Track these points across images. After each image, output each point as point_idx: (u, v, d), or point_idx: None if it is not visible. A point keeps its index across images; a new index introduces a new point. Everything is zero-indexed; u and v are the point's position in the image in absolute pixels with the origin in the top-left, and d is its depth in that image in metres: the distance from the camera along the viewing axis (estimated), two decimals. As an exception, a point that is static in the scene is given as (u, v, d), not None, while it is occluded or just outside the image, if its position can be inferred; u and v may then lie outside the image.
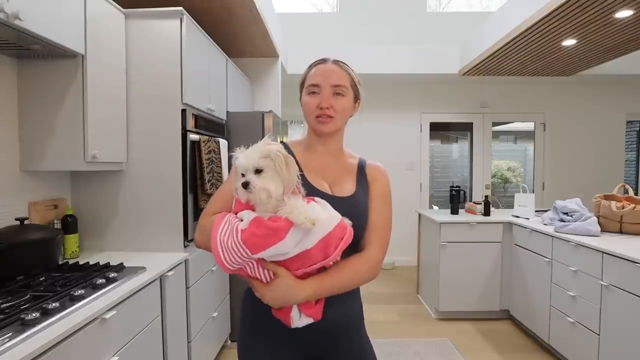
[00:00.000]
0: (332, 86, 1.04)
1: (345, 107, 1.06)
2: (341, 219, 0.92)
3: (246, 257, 0.87)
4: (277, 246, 0.85)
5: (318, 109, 1.04)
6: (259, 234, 0.85)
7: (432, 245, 3.52)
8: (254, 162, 0.89)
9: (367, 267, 1.01)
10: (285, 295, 0.91)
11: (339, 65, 1.08)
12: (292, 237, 0.85)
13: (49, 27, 1.43)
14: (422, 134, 5.27)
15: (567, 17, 2.86)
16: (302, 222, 0.84)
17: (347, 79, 1.07)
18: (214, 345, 2.56)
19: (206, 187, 2.23)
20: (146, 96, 2.05)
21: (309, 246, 0.87)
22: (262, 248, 0.85)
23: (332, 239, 0.89)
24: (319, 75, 1.05)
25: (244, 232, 0.86)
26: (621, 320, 2.04)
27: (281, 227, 0.85)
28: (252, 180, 0.87)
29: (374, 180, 1.10)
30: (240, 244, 0.86)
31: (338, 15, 5.06)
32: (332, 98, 1.04)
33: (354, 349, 1.08)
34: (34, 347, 1.01)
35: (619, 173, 5.26)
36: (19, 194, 1.77)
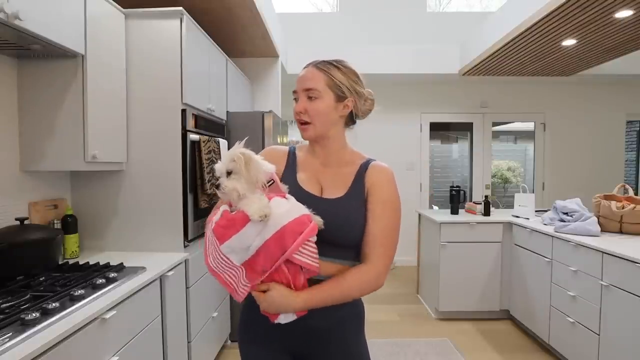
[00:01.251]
0: (303, 90, 1.04)
1: (320, 110, 1.03)
2: (302, 214, 0.94)
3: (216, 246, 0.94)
4: (237, 236, 0.91)
5: (295, 113, 1.06)
6: (222, 224, 0.93)
7: (432, 245, 3.52)
8: (224, 165, 0.97)
9: (361, 281, 1.00)
10: (279, 305, 0.95)
11: (318, 68, 1.04)
12: (250, 229, 0.91)
13: (49, 27, 1.43)
14: (422, 134, 5.27)
15: (567, 17, 2.86)
16: (252, 214, 0.91)
17: (322, 80, 1.03)
18: (214, 345, 2.56)
19: (206, 187, 2.23)
20: (146, 96, 2.05)
21: (265, 237, 0.91)
22: (225, 238, 0.92)
23: (287, 232, 0.91)
24: (297, 81, 1.06)
25: (217, 223, 0.95)
26: (621, 320, 2.04)
27: (238, 219, 0.92)
28: (222, 183, 0.95)
29: (373, 185, 1.05)
30: (212, 234, 0.95)
31: (338, 15, 5.06)
32: (306, 102, 1.04)
33: (347, 350, 1.06)
34: (34, 347, 1.01)
35: (619, 173, 5.26)
36: (19, 194, 1.77)
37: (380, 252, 1.01)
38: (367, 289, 1.01)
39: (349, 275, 0.99)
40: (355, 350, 1.08)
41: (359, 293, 1.01)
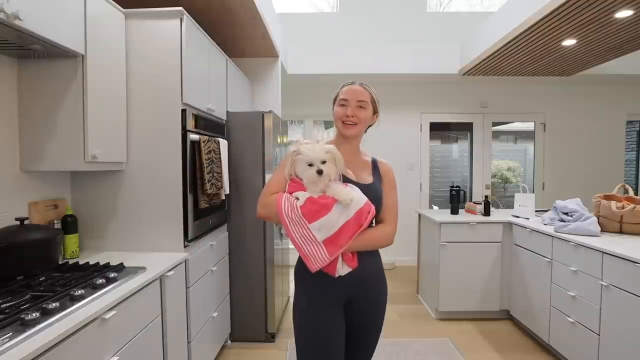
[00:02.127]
0: (357, 101, 1.41)
1: (366, 117, 1.43)
2: (367, 199, 1.29)
3: (305, 226, 1.23)
4: (326, 217, 1.22)
5: (345, 116, 1.41)
6: (313, 208, 1.23)
7: (432, 245, 3.52)
8: (322, 156, 1.27)
9: (385, 234, 1.39)
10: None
11: (363, 87, 1.44)
12: (336, 211, 1.23)
13: (49, 27, 1.43)
14: (422, 134, 5.27)
15: (567, 17, 2.86)
16: (344, 200, 1.22)
17: (369, 97, 1.43)
18: (214, 345, 2.56)
19: (206, 187, 2.23)
20: (146, 96, 2.05)
21: (348, 217, 1.24)
22: (316, 218, 1.22)
23: (362, 212, 1.26)
24: (348, 92, 1.43)
25: (303, 207, 1.24)
26: (621, 320, 2.04)
27: (329, 203, 1.24)
28: (324, 169, 1.26)
29: (385, 174, 1.49)
30: (301, 216, 1.23)
31: (338, 15, 5.06)
32: (356, 109, 1.41)
33: (374, 296, 1.43)
34: (34, 347, 1.01)
35: (619, 173, 5.26)
36: (19, 194, 1.77)
37: (393, 217, 1.44)
38: (385, 243, 1.39)
39: (375, 231, 1.38)
40: (382, 292, 1.47)
41: (380, 244, 1.39)
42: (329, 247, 1.23)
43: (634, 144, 5.96)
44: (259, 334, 2.96)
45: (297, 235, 1.23)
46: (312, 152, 1.25)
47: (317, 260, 1.23)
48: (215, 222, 2.59)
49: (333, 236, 1.22)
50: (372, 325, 1.47)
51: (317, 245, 1.22)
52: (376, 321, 1.48)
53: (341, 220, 1.22)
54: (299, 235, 1.23)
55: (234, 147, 2.84)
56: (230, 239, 2.92)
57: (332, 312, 1.37)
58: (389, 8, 4.98)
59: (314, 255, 1.23)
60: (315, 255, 1.23)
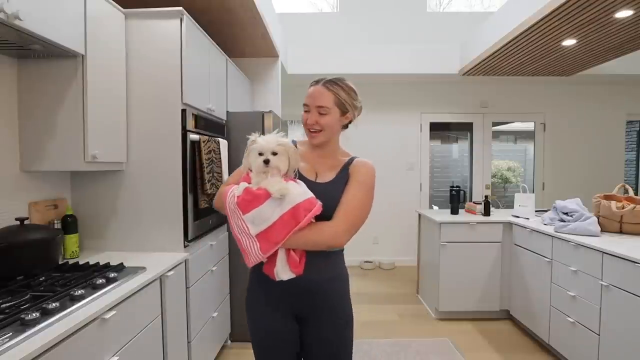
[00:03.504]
0: (316, 107, 1.29)
1: (329, 123, 1.29)
2: (312, 196, 1.19)
3: (240, 217, 1.16)
4: (259, 209, 1.15)
5: (307, 123, 1.31)
6: (247, 198, 1.16)
7: (432, 245, 3.52)
8: (273, 146, 1.19)
9: (327, 232, 1.20)
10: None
11: (327, 87, 1.29)
12: (270, 204, 1.15)
13: (49, 27, 1.43)
14: (422, 134, 5.27)
15: (567, 17, 2.86)
16: (274, 192, 1.14)
17: (332, 99, 1.28)
18: (214, 345, 2.56)
19: (206, 187, 2.23)
20: (146, 96, 2.05)
21: (282, 212, 1.15)
22: (249, 209, 1.15)
23: (300, 209, 1.15)
24: (308, 97, 1.31)
25: (239, 197, 1.18)
26: (621, 320, 2.04)
27: (261, 194, 1.15)
28: (271, 159, 1.18)
29: (354, 171, 1.32)
30: (236, 206, 1.17)
31: (338, 15, 5.06)
32: (318, 116, 1.29)
33: (328, 305, 1.30)
34: (34, 347, 1.01)
35: (619, 173, 5.26)
36: (19, 194, 1.77)
37: (342, 216, 1.23)
38: (329, 242, 1.21)
39: (316, 227, 1.20)
40: (339, 307, 1.33)
41: (322, 244, 1.21)
42: (262, 243, 1.16)
43: (634, 144, 5.96)
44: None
45: (235, 226, 1.18)
46: (265, 142, 1.20)
47: (252, 256, 1.17)
48: (215, 222, 2.59)
49: (266, 231, 1.15)
50: (329, 349, 1.31)
51: (251, 238, 1.16)
52: (333, 346, 1.31)
53: (275, 215, 1.14)
54: (236, 226, 1.18)
55: (234, 147, 2.84)
56: (230, 239, 2.92)
57: (276, 317, 1.29)
58: (389, 8, 4.98)
59: (249, 250, 1.17)
60: (249, 250, 1.17)
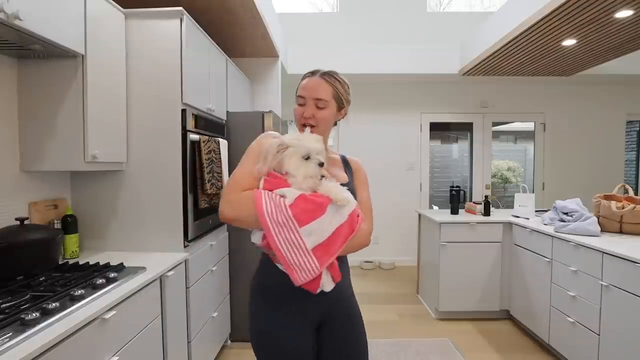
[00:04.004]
0: (314, 99, 1.20)
1: (326, 117, 1.21)
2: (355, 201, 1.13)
3: (294, 230, 1.02)
4: (320, 219, 1.03)
5: (302, 117, 1.21)
6: (307, 208, 1.03)
7: (432, 245, 3.52)
8: (319, 146, 1.10)
9: (366, 234, 1.19)
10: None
11: (325, 79, 1.21)
12: (330, 213, 1.05)
13: (49, 27, 1.43)
14: (422, 134, 5.27)
15: (567, 17, 2.86)
16: (341, 200, 1.05)
17: (330, 92, 1.21)
18: (214, 345, 2.56)
19: (206, 187, 2.23)
20: (146, 96, 2.05)
21: (342, 220, 1.07)
22: (309, 220, 1.02)
23: (354, 214, 1.09)
24: (304, 88, 1.22)
25: (293, 207, 1.03)
26: (621, 320, 2.04)
27: (324, 203, 1.05)
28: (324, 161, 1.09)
29: (356, 170, 1.33)
30: (290, 217, 1.02)
31: (338, 15, 5.06)
32: (314, 109, 1.20)
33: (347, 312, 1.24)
34: (34, 347, 1.01)
35: (619, 173, 5.26)
36: (19, 194, 1.76)
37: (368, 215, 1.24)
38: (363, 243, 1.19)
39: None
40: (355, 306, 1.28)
41: (361, 245, 1.18)
42: (319, 256, 1.03)
43: (634, 144, 5.96)
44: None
45: (282, 241, 1.02)
46: (308, 143, 1.08)
47: (304, 272, 1.03)
48: (215, 222, 2.59)
49: (325, 243, 1.04)
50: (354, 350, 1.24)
51: (305, 253, 1.02)
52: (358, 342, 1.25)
53: (334, 224, 1.04)
54: (284, 241, 1.02)
55: (234, 147, 2.83)
56: (230, 239, 2.92)
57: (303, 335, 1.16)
58: (388, 8, 4.98)
59: (302, 266, 1.02)
60: (302, 266, 1.02)
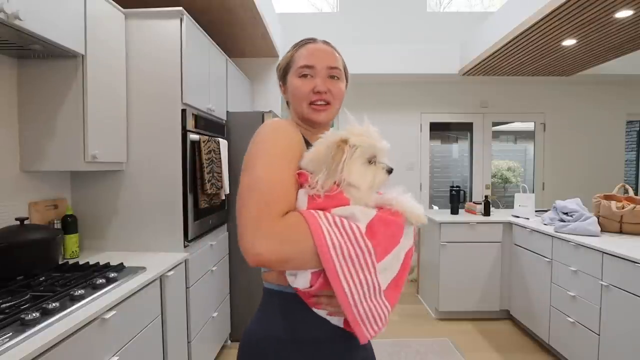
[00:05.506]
0: (328, 68, 0.91)
1: (341, 92, 0.93)
2: None
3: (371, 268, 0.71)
4: (395, 250, 0.74)
5: (313, 93, 0.89)
6: (387, 233, 0.73)
7: (432, 245, 3.52)
8: (386, 145, 0.80)
9: None
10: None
11: (331, 47, 0.97)
12: (406, 235, 0.76)
13: (48, 27, 1.43)
14: (422, 134, 5.27)
15: (567, 17, 2.86)
16: (418, 217, 0.75)
17: (340, 61, 0.96)
18: (214, 345, 2.56)
19: (206, 187, 2.23)
20: (146, 96, 2.05)
21: (410, 244, 0.78)
22: (388, 252, 0.73)
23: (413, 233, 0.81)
24: (312, 55, 0.92)
25: (370, 234, 0.71)
26: (621, 320, 2.04)
27: (402, 224, 0.75)
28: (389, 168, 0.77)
29: None
30: (369, 251, 0.70)
31: (338, 15, 5.05)
32: (329, 81, 0.91)
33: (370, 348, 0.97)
34: (34, 347, 1.01)
35: (619, 173, 5.26)
36: (19, 194, 1.77)
37: None
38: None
39: None
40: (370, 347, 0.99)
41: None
42: (390, 296, 0.74)
43: (634, 144, 5.96)
44: (259, 334, 2.95)
45: (352, 285, 0.69)
46: (375, 141, 0.77)
47: (376, 323, 0.72)
48: (216, 222, 2.59)
49: (397, 277, 0.75)
50: None
51: (378, 297, 0.72)
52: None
53: (404, 250, 0.75)
54: (355, 285, 0.69)
55: (234, 147, 2.83)
56: (230, 239, 2.92)
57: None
58: (388, 8, 4.98)
59: (374, 315, 0.71)
60: (375, 315, 0.71)
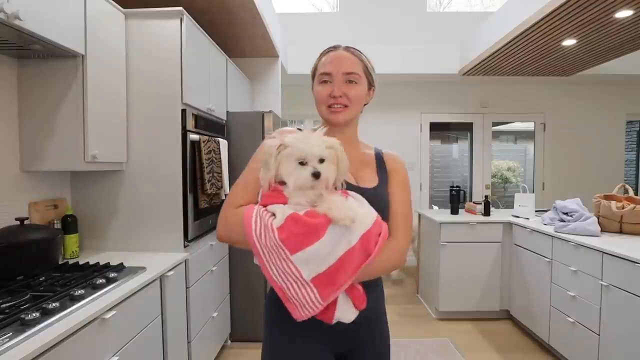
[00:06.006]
0: (344, 74, 1.01)
1: (359, 95, 1.03)
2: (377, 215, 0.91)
3: (285, 257, 0.82)
4: (317, 245, 0.81)
5: (330, 97, 1.00)
6: (297, 231, 0.81)
7: (432, 245, 3.52)
8: (321, 151, 0.85)
9: (397, 253, 0.98)
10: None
11: (351, 52, 1.06)
12: (332, 235, 0.81)
13: (49, 27, 1.43)
14: (422, 134, 5.27)
15: (567, 17, 2.86)
16: (342, 219, 0.80)
17: (360, 65, 1.04)
18: (214, 345, 2.56)
19: (206, 187, 2.23)
20: (146, 96, 2.05)
21: (350, 244, 0.83)
22: (302, 247, 0.81)
23: (371, 235, 0.86)
24: (330, 63, 1.03)
25: (281, 230, 0.82)
26: (621, 320, 2.04)
27: (320, 224, 0.81)
28: (323, 170, 0.84)
29: (393, 170, 1.08)
30: (278, 243, 0.81)
31: (338, 15, 5.05)
32: (345, 86, 1.01)
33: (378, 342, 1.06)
34: (34, 347, 1.01)
35: (619, 173, 5.26)
36: (19, 194, 1.76)
37: (403, 230, 1.01)
38: (400, 263, 1.00)
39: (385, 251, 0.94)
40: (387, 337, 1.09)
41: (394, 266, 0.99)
42: (321, 288, 0.83)
43: (634, 144, 5.96)
44: (259, 334, 2.95)
45: (275, 270, 0.83)
46: (307, 145, 0.84)
47: (305, 307, 0.84)
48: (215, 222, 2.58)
49: (328, 272, 0.82)
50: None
51: (304, 284, 0.83)
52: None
53: (340, 250, 0.82)
54: (277, 270, 0.83)
55: (234, 147, 2.83)
56: (230, 239, 2.91)
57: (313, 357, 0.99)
58: (388, 8, 4.98)
59: (301, 300, 0.84)
60: (302, 300, 0.83)
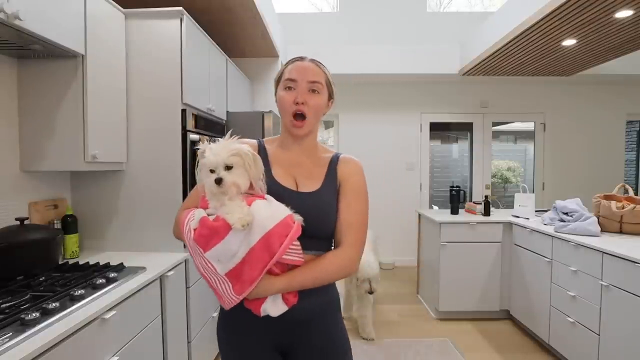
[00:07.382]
0: (308, 82, 1.06)
1: (319, 105, 1.07)
2: (287, 216, 0.95)
3: (201, 254, 0.92)
4: (221, 245, 0.90)
5: (293, 104, 1.05)
6: (203, 233, 0.91)
7: (432, 245, 3.52)
8: (224, 159, 0.92)
9: (338, 264, 1.02)
10: (258, 289, 0.95)
11: (316, 64, 1.10)
12: (234, 237, 0.90)
13: (49, 27, 1.43)
14: (422, 134, 5.27)
15: (567, 17, 2.86)
16: (234, 223, 0.89)
17: (323, 77, 1.09)
18: (214, 345, 2.55)
19: (206, 187, 2.23)
20: (146, 96, 2.05)
21: (250, 245, 0.91)
22: (209, 246, 0.91)
23: (273, 236, 0.92)
24: (296, 70, 1.07)
25: (196, 231, 0.93)
26: (621, 320, 2.04)
27: (221, 227, 0.90)
28: (225, 177, 0.91)
29: (345, 175, 1.10)
30: (194, 242, 0.93)
31: (338, 15, 5.05)
32: (307, 95, 1.05)
33: (329, 338, 1.08)
34: (34, 347, 1.01)
35: (619, 173, 5.26)
36: (19, 194, 1.77)
37: (354, 238, 1.05)
38: (343, 273, 1.03)
39: (326, 259, 1.02)
40: (336, 337, 1.10)
41: (336, 276, 1.03)
42: (234, 283, 0.93)
43: (634, 144, 5.95)
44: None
45: (199, 265, 0.95)
46: (213, 154, 0.93)
47: (222, 298, 0.96)
48: (215, 222, 2.58)
49: (236, 269, 0.92)
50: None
51: (221, 279, 0.94)
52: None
53: (243, 250, 0.91)
54: (200, 265, 0.95)
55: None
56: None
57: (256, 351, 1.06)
58: (388, 8, 4.98)
59: (221, 292, 0.95)
60: (222, 292, 0.95)
